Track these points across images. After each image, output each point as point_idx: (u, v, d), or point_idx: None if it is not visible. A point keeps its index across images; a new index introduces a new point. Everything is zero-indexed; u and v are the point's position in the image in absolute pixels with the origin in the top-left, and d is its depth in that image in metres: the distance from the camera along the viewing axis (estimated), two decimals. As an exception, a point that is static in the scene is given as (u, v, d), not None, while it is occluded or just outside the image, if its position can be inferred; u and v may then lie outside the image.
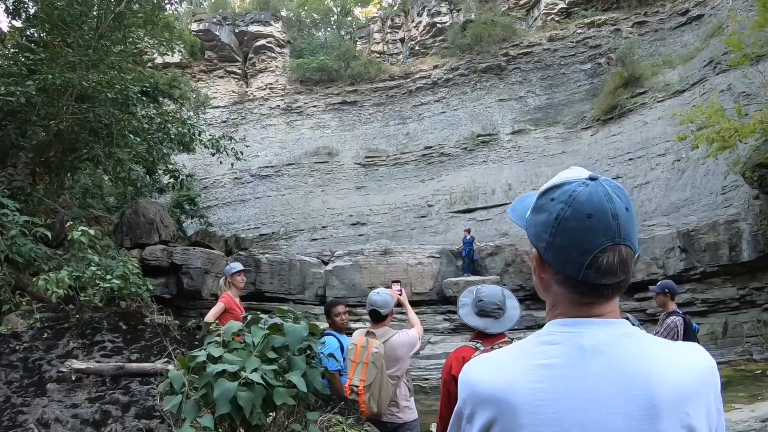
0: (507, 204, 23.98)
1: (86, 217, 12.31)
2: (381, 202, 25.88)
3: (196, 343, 4.10)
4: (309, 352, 2.60)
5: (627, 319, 5.29)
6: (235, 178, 27.15)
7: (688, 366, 0.98)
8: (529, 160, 24.87)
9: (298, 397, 2.29)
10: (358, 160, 27.48)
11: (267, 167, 27.61)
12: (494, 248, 18.79)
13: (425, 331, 17.34)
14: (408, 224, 24.99)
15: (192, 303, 15.33)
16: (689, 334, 6.32)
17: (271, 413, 2.32)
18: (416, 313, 4.98)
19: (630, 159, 21.92)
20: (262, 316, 2.76)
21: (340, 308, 5.69)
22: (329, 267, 18.06)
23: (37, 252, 6.80)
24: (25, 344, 4.28)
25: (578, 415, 0.93)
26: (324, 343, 3.18)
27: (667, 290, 6.40)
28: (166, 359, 3.33)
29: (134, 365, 3.86)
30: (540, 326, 1.09)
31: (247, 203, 26.89)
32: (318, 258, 18.55)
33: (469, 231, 19.53)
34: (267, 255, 17.11)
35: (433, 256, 18.65)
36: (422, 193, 25.72)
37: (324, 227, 25.52)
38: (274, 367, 2.24)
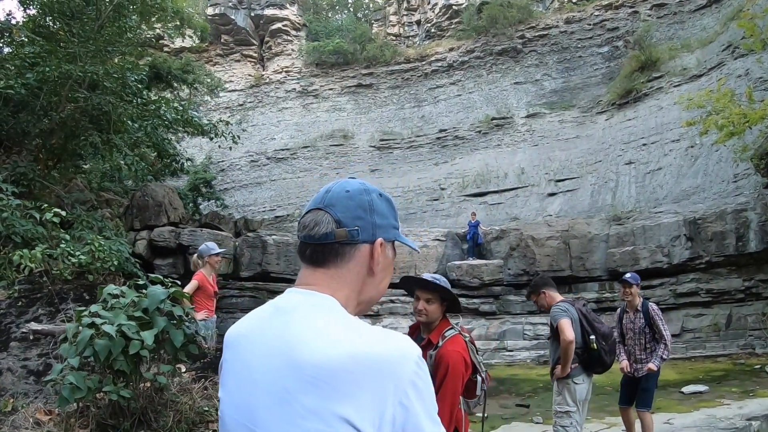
0: (519, 188, 24.01)
1: (97, 200, 12.97)
2: (395, 185, 26.08)
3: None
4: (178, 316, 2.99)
5: (585, 305, 5.45)
6: (252, 160, 27.74)
7: (352, 349, 0.96)
8: (543, 144, 24.74)
9: (162, 351, 2.68)
10: (373, 143, 27.72)
11: (283, 150, 28.09)
12: (499, 232, 18.74)
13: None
14: (420, 207, 25.21)
15: (199, 282, 15.92)
16: None
17: (143, 364, 2.73)
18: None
19: (644, 144, 21.52)
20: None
21: None
22: (335, 248, 18.41)
23: (33, 232, 7.38)
24: (1, 310, 4.83)
25: (249, 356, 1.08)
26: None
27: (638, 283, 6.53)
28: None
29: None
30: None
31: (263, 185, 27.44)
32: (325, 240, 18.90)
33: (474, 214, 19.52)
34: (274, 236, 17.55)
35: (439, 239, 18.82)
36: (435, 176, 25.84)
37: (338, 210, 25.89)
38: (133, 323, 2.65)
